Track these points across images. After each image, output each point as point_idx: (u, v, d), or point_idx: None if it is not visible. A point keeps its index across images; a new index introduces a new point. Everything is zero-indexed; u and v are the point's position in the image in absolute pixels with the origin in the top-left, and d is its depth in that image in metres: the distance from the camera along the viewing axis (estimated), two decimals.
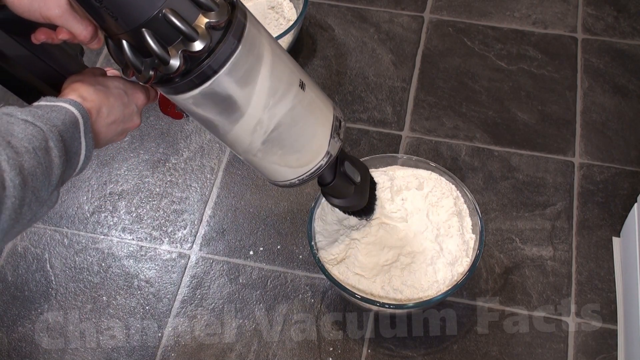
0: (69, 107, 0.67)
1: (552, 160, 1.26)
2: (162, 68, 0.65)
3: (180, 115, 0.84)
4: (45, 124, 0.62)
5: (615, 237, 1.16)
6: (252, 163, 0.82)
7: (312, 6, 1.50)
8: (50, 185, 0.62)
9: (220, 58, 0.66)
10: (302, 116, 0.78)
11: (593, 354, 1.06)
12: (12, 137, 0.59)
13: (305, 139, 0.80)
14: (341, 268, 1.03)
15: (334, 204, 0.98)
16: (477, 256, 1.00)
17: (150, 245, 1.19)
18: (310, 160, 0.82)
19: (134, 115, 0.77)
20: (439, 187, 1.08)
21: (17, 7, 0.68)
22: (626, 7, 1.48)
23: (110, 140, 0.76)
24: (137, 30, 0.63)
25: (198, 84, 0.68)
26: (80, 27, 0.69)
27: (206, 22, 0.64)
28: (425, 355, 1.06)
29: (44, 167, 0.60)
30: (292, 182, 0.84)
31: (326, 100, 0.83)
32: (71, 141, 0.65)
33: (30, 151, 0.59)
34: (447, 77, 1.38)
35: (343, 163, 0.91)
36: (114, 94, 0.74)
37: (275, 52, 0.73)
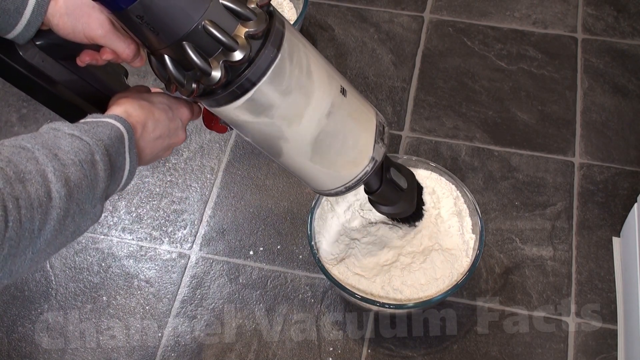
0: (114, 122, 0.67)
1: (552, 160, 1.26)
2: (204, 80, 0.65)
3: (225, 129, 0.84)
4: (91, 138, 0.63)
5: (615, 237, 1.16)
6: (296, 172, 0.82)
7: (312, 6, 1.50)
8: (95, 198, 0.62)
9: (260, 67, 0.67)
10: (345, 122, 0.78)
11: (593, 354, 1.06)
12: (59, 149, 0.60)
13: (350, 145, 0.80)
14: (341, 268, 1.03)
15: (383, 212, 0.97)
16: (477, 256, 1.00)
17: (150, 245, 1.19)
18: (356, 166, 0.82)
19: (179, 130, 0.77)
20: (439, 187, 1.08)
21: (61, 30, 0.69)
22: (626, 7, 1.48)
23: (157, 156, 0.76)
24: (178, 44, 0.63)
25: (240, 94, 0.68)
26: (123, 46, 0.71)
27: (245, 31, 0.64)
28: (425, 355, 1.06)
29: (89, 179, 0.61)
30: (339, 190, 0.84)
31: (368, 106, 0.82)
32: (116, 156, 0.65)
33: (76, 163, 0.60)
34: (447, 77, 1.38)
35: (389, 170, 0.91)
36: (159, 108, 0.74)
37: (314, 58, 0.73)
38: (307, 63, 0.72)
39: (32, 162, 0.57)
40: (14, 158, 0.56)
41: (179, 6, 0.61)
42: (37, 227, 0.55)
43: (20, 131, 1.33)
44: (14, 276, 0.56)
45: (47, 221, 0.56)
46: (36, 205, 0.55)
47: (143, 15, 0.61)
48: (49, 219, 0.56)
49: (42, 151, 0.58)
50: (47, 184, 0.57)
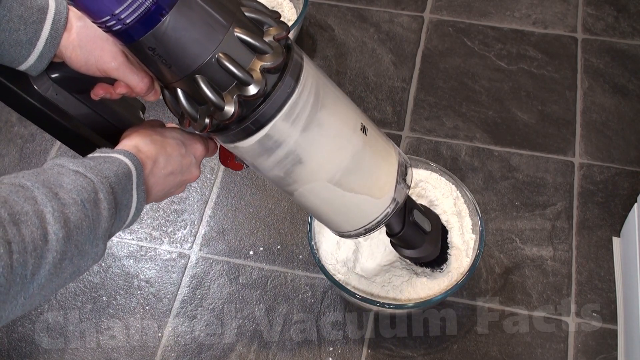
0: (122, 158, 0.65)
1: (552, 160, 1.26)
2: (217, 115, 0.63)
3: (241, 166, 0.82)
4: (96, 176, 0.61)
5: (615, 237, 1.16)
6: (314, 212, 0.80)
7: (312, 6, 1.50)
8: (96, 238, 0.60)
9: (276, 102, 0.65)
10: (365, 161, 0.75)
11: (593, 354, 1.06)
12: (61, 188, 0.58)
13: (369, 186, 0.76)
14: (341, 268, 1.03)
15: (405, 255, 0.94)
16: (477, 256, 1.00)
17: (150, 245, 1.19)
18: (376, 208, 0.79)
19: (192, 167, 0.75)
20: (439, 187, 1.08)
21: (74, 63, 0.68)
22: (626, 7, 1.48)
23: (169, 192, 0.74)
24: (191, 77, 0.62)
25: (255, 130, 0.66)
26: (137, 79, 0.69)
27: (261, 65, 0.62)
28: (425, 355, 1.06)
29: (90, 220, 0.59)
30: (359, 232, 0.81)
31: (390, 145, 0.80)
32: (122, 194, 0.64)
33: (78, 203, 0.58)
34: (447, 77, 1.38)
35: (412, 212, 0.88)
36: (171, 144, 0.72)
37: (334, 94, 0.71)
38: (326, 99, 0.69)
39: (29, 202, 0.55)
40: (11, 197, 0.54)
41: (192, 38, 0.60)
42: (30, 272, 0.53)
43: (20, 131, 1.33)
44: (3, 321, 0.54)
45: (41, 265, 0.54)
46: (30, 249, 0.53)
47: (155, 47, 0.60)
48: (44, 263, 0.54)
49: (42, 190, 0.56)
50: (44, 225, 0.54)
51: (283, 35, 0.65)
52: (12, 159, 1.30)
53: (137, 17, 0.58)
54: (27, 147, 1.32)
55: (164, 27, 0.59)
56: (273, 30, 0.65)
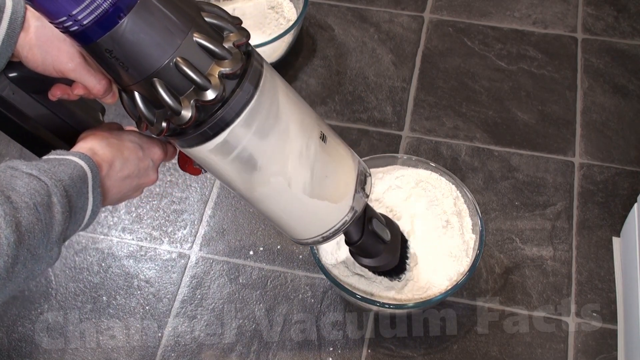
0: (77, 160, 0.65)
1: (552, 160, 1.26)
2: (174, 119, 0.63)
3: (199, 171, 0.81)
4: (50, 179, 0.60)
5: (615, 237, 1.16)
6: (271, 218, 0.79)
7: (312, 6, 1.50)
8: (50, 242, 0.59)
9: (234, 108, 0.64)
10: (324, 169, 0.74)
11: (593, 354, 1.06)
12: (13, 191, 0.57)
13: (327, 194, 0.76)
14: (341, 268, 1.03)
15: (363, 264, 0.94)
16: (477, 256, 1.00)
17: (150, 245, 1.19)
18: (334, 216, 0.78)
19: (150, 170, 0.75)
20: (439, 187, 1.08)
21: (31, 62, 0.68)
22: (626, 7, 1.48)
23: (125, 196, 0.74)
24: (148, 81, 0.61)
25: (212, 135, 0.66)
26: (94, 81, 0.68)
27: (219, 71, 0.62)
28: (425, 355, 1.06)
29: (43, 223, 0.58)
30: (316, 240, 0.80)
31: (350, 154, 0.79)
32: (77, 196, 0.63)
33: (30, 207, 0.57)
34: (447, 77, 1.38)
35: (371, 221, 0.87)
36: (129, 147, 0.72)
37: (293, 102, 0.71)
38: (286, 106, 0.69)
39: None
40: None
41: (150, 42, 0.59)
42: None
43: None
44: None
45: None
46: None
47: (112, 49, 0.59)
48: None
49: None
50: None
51: (243, 41, 0.64)
52: (12, 159, 1.30)
53: (95, 18, 0.57)
54: None
55: (122, 30, 0.58)
56: (233, 36, 0.64)
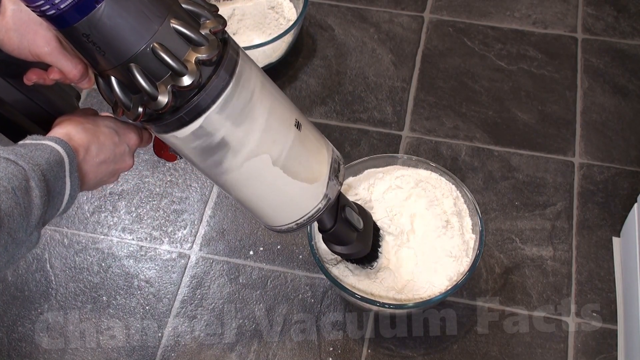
0: (54, 145, 0.65)
1: (552, 160, 1.26)
2: (150, 104, 0.63)
3: (174, 158, 0.82)
4: (27, 163, 0.60)
5: (615, 237, 1.16)
6: (246, 205, 0.80)
7: (312, 6, 1.50)
8: (29, 226, 0.60)
9: (210, 94, 0.65)
10: (297, 157, 0.75)
11: (593, 354, 1.06)
12: None
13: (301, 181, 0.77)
14: (341, 268, 1.03)
15: (336, 251, 0.95)
16: (477, 256, 1.00)
17: (150, 245, 1.19)
18: (307, 203, 0.79)
19: (126, 156, 0.75)
20: (439, 187, 1.08)
21: (7, 46, 0.67)
22: (626, 7, 1.48)
23: (101, 181, 0.74)
24: (125, 66, 0.62)
25: (188, 121, 0.66)
26: (70, 65, 0.68)
27: (196, 57, 0.63)
28: (425, 355, 1.06)
29: (22, 207, 0.58)
30: (290, 227, 0.82)
31: (324, 142, 0.81)
32: (55, 181, 0.63)
33: (8, 191, 0.57)
34: (447, 77, 1.38)
35: (344, 209, 0.89)
36: (104, 132, 0.72)
37: (269, 90, 0.72)
38: (261, 94, 0.70)
39: None
40: None
41: (127, 27, 0.60)
42: None
43: None
44: None
45: None
46: None
47: (89, 34, 0.59)
48: None
49: None
50: None
51: (219, 28, 0.65)
52: None
53: (72, 2, 0.57)
54: None
55: (99, 14, 0.58)
56: (210, 23, 0.65)
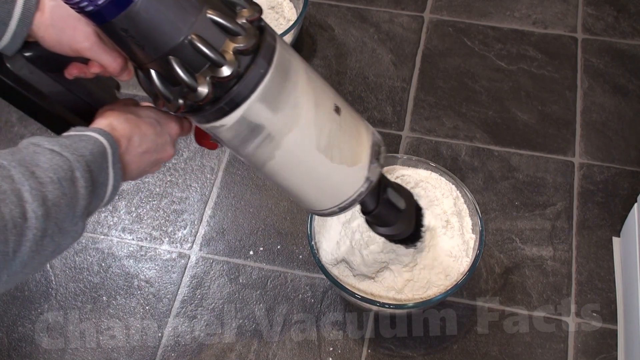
0: (97, 136, 0.65)
1: (552, 160, 1.26)
2: (191, 96, 0.63)
3: (216, 146, 0.82)
4: (72, 154, 0.61)
5: (615, 237, 1.17)
6: (288, 190, 0.80)
7: (312, 6, 1.50)
8: (75, 216, 0.60)
9: (249, 83, 0.65)
10: (339, 141, 0.75)
11: (593, 354, 1.06)
12: (37, 167, 0.58)
13: (343, 165, 0.77)
14: (341, 268, 1.03)
15: (379, 233, 0.95)
16: (477, 256, 1.00)
17: (150, 245, 1.19)
18: (350, 186, 0.79)
19: (167, 145, 0.76)
20: (439, 187, 1.08)
21: (47, 42, 0.68)
22: (626, 7, 1.48)
23: (144, 171, 0.74)
24: (164, 58, 0.62)
25: (228, 110, 0.66)
26: (110, 59, 0.69)
27: (233, 47, 0.63)
28: (425, 355, 1.06)
29: (68, 198, 0.59)
30: (333, 210, 0.81)
31: (364, 125, 0.80)
32: (99, 171, 0.64)
33: (55, 181, 0.58)
34: (447, 77, 1.38)
35: (385, 190, 0.88)
36: (146, 122, 0.73)
37: (308, 75, 0.72)
38: (300, 79, 0.70)
39: (7, 180, 0.55)
40: None
41: (165, 20, 0.60)
42: (11, 250, 0.54)
43: (20, 131, 1.33)
44: None
45: (22, 243, 0.55)
46: (10, 226, 0.53)
47: (128, 28, 0.59)
48: (25, 241, 0.55)
49: (18, 169, 0.56)
50: (23, 204, 0.55)
51: (256, 16, 0.65)
52: None
53: None
54: None
55: (137, 9, 0.58)
56: (246, 12, 0.65)
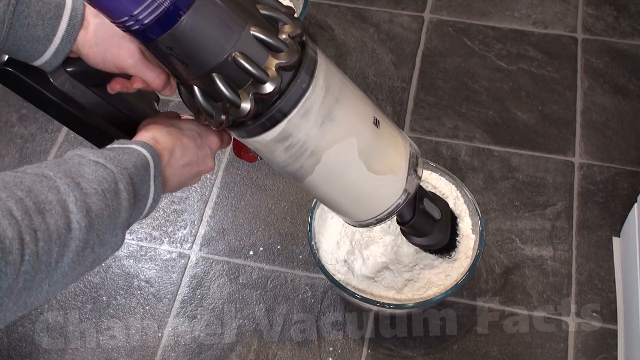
0: (140, 149, 0.66)
1: (552, 160, 1.26)
2: (233, 112, 0.64)
3: (255, 158, 0.83)
4: (116, 166, 0.61)
5: (615, 237, 1.16)
6: (327, 202, 0.81)
7: (312, 6, 1.50)
8: (116, 227, 0.61)
9: (291, 99, 0.65)
10: (377, 154, 0.76)
11: (593, 354, 1.06)
12: (82, 178, 0.59)
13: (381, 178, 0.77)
14: (341, 268, 1.03)
15: (415, 243, 0.95)
16: (477, 256, 1.00)
17: (150, 245, 1.19)
18: (388, 199, 0.80)
19: (208, 158, 0.76)
20: (439, 187, 1.08)
21: (91, 60, 0.69)
22: (626, 7, 1.48)
23: (184, 183, 0.75)
24: (207, 75, 0.62)
25: (270, 126, 0.67)
26: (153, 76, 0.70)
27: (276, 63, 0.63)
28: (425, 355, 1.06)
29: (111, 209, 0.60)
30: (370, 222, 0.82)
31: (402, 137, 0.80)
32: (141, 184, 0.64)
33: (99, 193, 0.59)
34: (447, 77, 1.38)
35: (422, 200, 0.89)
36: (188, 135, 0.73)
37: (348, 88, 0.72)
38: (340, 94, 0.70)
39: (53, 191, 0.55)
40: (35, 187, 0.55)
41: (209, 38, 0.61)
42: (54, 260, 0.54)
43: (20, 131, 1.33)
44: (28, 308, 0.55)
45: (65, 253, 0.55)
46: (55, 237, 0.54)
47: (173, 46, 0.60)
48: (67, 251, 0.55)
49: (64, 180, 0.57)
50: (68, 214, 0.55)
51: (298, 32, 0.65)
52: (12, 159, 1.30)
53: (155, 17, 0.58)
54: (27, 147, 1.32)
55: (182, 27, 0.59)
56: (288, 27, 0.65)
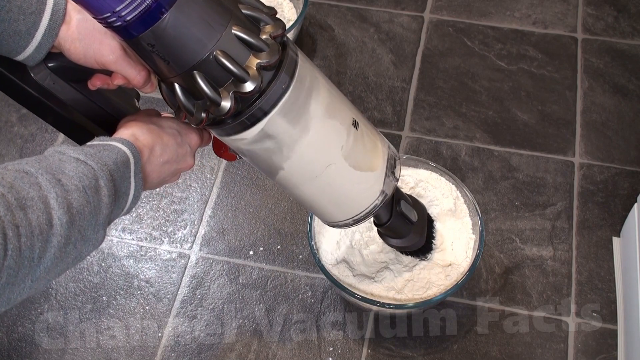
0: (121, 146, 0.66)
1: (552, 160, 1.26)
2: (213, 110, 0.64)
3: (234, 157, 0.83)
4: (96, 163, 0.62)
5: (615, 237, 1.16)
6: (304, 202, 0.81)
7: (312, 6, 1.50)
8: (97, 224, 0.61)
9: (271, 98, 0.66)
10: (355, 155, 0.76)
11: (593, 354, 1.06)
12: (63, 174, 0.59)
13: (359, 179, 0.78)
14: (341, 268, 1.03)
15: (391, 244, 0.96)
16: (477, 256, 1.00)
17: (150, 245, 1.19)
18: (365, 199, 0.80)
19: (187, 156, 0.77)
20: (439, 187, 1.08)
21: (72, 55, 0.69)
22: (626, 7, 1.48)
23: (164, 180, 0.76)
24: (188, 73, 0.63)
25: (250, 124, 0.67)
26: (134, 72, 0.70)
27: (257, 62, 0.63)
28: (425, 355, 1.06)
29: (92, 206, 0.60)
30: (347, 223, 0.83)
31: (381, 140, 0.81)
32: (121, 181, 0.65)
33: (80, 189, 0.59)
34: (447, 77, 1.38)
35: (399, 202, 0.90)
36: (168, 133, 0.74)
37: (328, 90, 0.73)
38: (320, 95, 0.71)
39: (34, 187, 0.56)
40: (17, 183, 0.55)
41: (191, 36, 0.61)
42: (37, 255, 0.54)
43: (20, 131, 1.33)
44: (11, 303, 0.55)
45: (47, 249, 0.55)
46: (37, 233, 0.54)
47: (154, 43, 0.61)
48: (50, 247, 0.56)
49: (45, 176, 0.57)
50: (49, 210, 0.56)
51: (279, 33, 0.66)
52: (12, 159, 1.30)
53: (138, 14, 0.58)
54: (27, 147, 1.32)
55: (164, 25, 0.60)
56: (269, 27, 0.66)
